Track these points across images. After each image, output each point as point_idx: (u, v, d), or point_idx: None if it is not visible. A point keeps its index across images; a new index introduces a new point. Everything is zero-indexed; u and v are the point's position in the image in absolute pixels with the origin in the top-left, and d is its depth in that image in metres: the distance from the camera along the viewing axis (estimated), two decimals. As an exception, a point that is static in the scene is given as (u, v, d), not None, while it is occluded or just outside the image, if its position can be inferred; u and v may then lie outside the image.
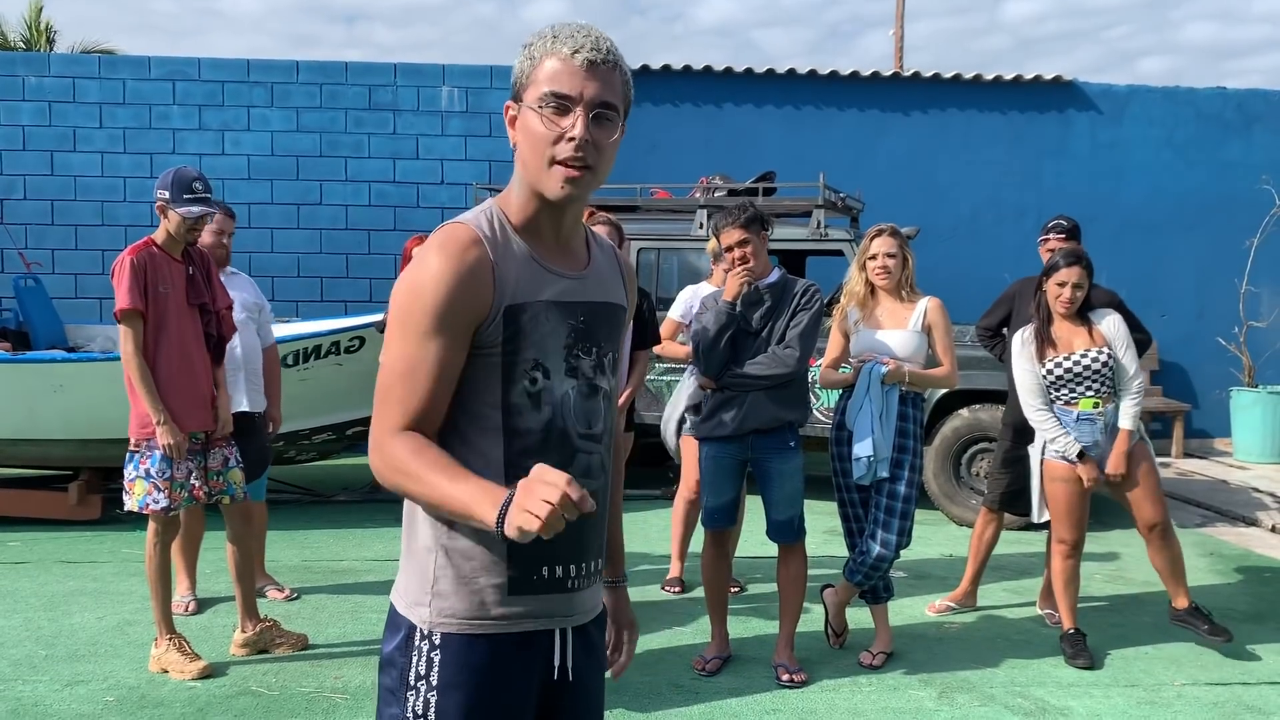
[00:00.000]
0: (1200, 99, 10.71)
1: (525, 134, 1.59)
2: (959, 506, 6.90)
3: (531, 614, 1.63)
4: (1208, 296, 10.42)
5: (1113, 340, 4.33)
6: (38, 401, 6.26)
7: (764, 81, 10.51)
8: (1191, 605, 4.51)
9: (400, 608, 1.65)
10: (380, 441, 1.55)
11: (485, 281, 1.56)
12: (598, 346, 1.68)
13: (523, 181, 1.62)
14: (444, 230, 1.59)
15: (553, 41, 1.57)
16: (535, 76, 1.57)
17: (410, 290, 1.55)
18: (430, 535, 1.62)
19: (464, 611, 1.60)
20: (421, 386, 1.55)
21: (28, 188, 10.07)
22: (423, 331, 1.53)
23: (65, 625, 4.66)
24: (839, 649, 4.49)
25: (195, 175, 4.14)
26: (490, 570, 1.60)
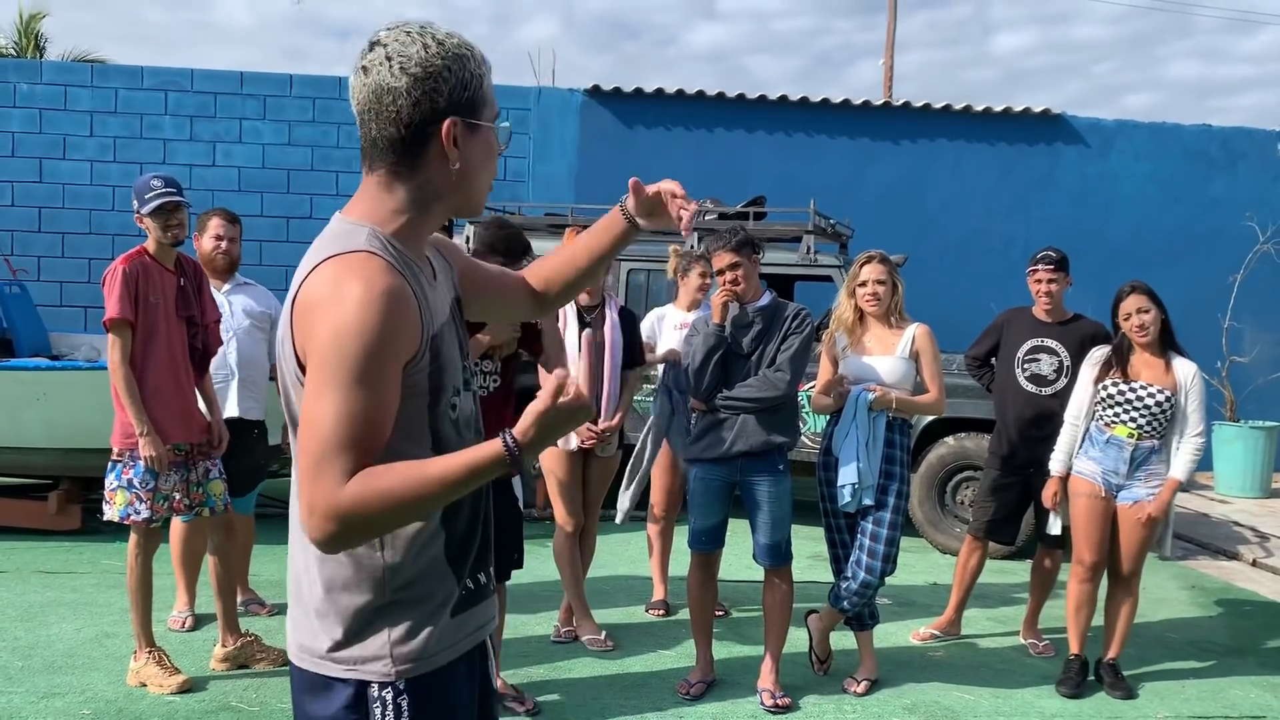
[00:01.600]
0: (1186, 135, 10.83)
1: (485, 154, 1.53)
2: (943, 534, 6.91)
3: (472, 627, 1.60)
4: (1191, 331, 10.36)
5: (1185, 388, 4.31)
6: (20, 409, 6.20)
7: (755, 107, 10.57)
8: (1113, 662, 4.50)
9: (331, 670, 1.50)
10: (331, 497, 1.35)
11: (413, 311, 1.44)
12: (464, 348, 1.63)
13: (442, 201, 1.53)
14: (352, 259, 1.42)
15: (480, 63, 1.52)
16: (484, 95, 1.51)
17: (338, 331, 1.37)
18: (378, 589, 1.49)
19: (427, 650, 1.51)
20: (366, 436, 1.38)
21: (16, 194, 10.03)
22: (361, 375, 1.37)
23: (42, 636, 4.60)
24: (823, 675, 4.47)
25: (153, 176, 4.12)
26: (441, 596, 1.53)
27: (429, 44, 1.47)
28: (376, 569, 1.49)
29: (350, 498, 1.35)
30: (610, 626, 4.92)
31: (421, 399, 1.48)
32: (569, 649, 4.68)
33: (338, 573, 1.50)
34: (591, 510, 4.89)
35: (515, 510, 3.98)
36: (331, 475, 1.35)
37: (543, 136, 10.51)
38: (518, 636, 4.76)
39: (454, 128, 1.48)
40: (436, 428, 1.51)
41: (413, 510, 1.40)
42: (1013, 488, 5.03)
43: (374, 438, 1.38)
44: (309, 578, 1.52)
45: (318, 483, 1.36)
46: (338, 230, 1.50)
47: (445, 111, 1.47)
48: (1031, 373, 4.98)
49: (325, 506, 1.35)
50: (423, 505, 1.40)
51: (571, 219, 7.57)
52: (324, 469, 1.35)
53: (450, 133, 1.48)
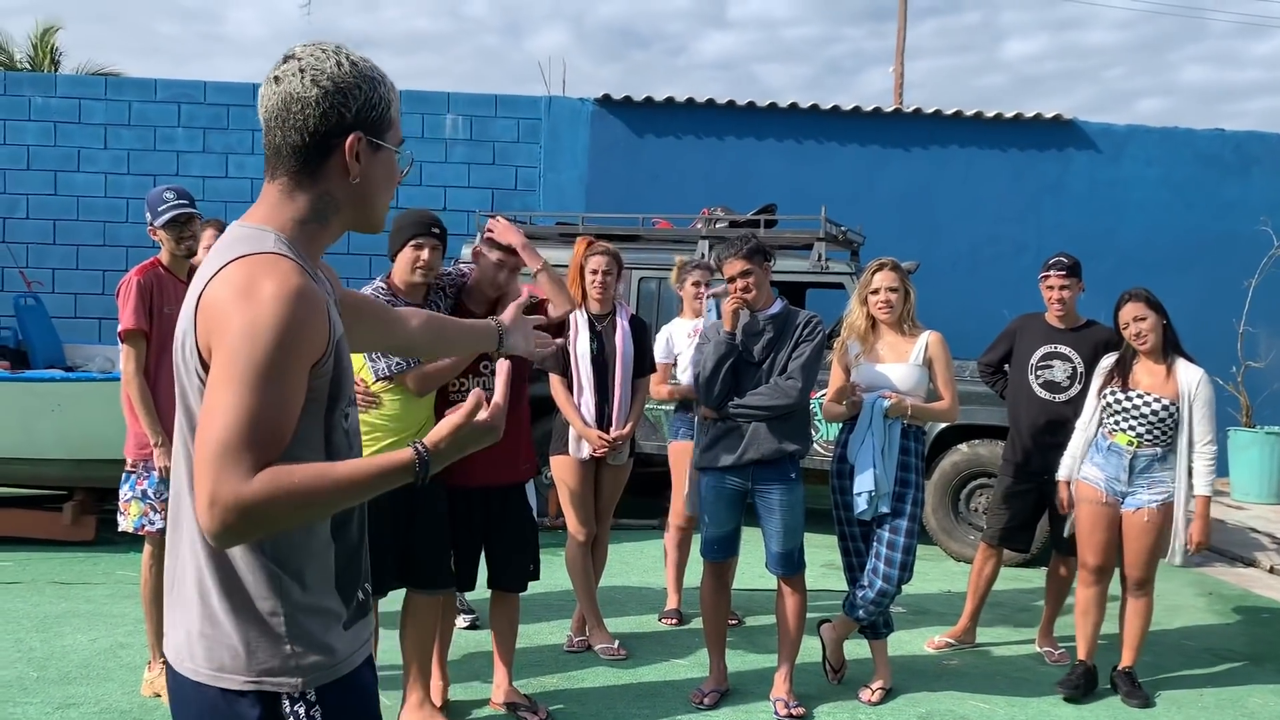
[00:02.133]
0: (1199, 140, 10.79)
1: (386, 174, 1.59)
2: (957, 542, 6.88)
3: (361, 639, 1.63)
4: (1205, 336, 10.39)
5: (1188, 396, 4.28)
6: (34, 420, 6.23)
7: (765, 115, 10.58)
8: (1128, 670, 4.46)
9: (235, 684, 1.48)
10: (235, 491, 1.34)
11: (322, 312, 1.47)
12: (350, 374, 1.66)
13: (340, 215, 1.57)
14: (267, 261, 1.45)
15: (390, 88, 1.58)
16: (390, 118, 1.57)
17: (251, 325, 1.38)
18: (276, 598, 1.49)
19: (327, 659, 1.53)
20: (272, 433, 1.38)
21: (30, 207, 10.10)
22: (269, 372, 1.38)
23: (57, 647, 4.62)
24: (837, 684, 4.45)
25: (165, 188, 4.16)
26: (333, 613, 1.55)
27: (342, 62, 1.52)
28: (274, 579, 1.49)
29: (256, 493, 1.34)
30: (623, 636, 4.91)
31: (320, 404, 1.50)
32: (582, 658, 4.68)
33: (237, 582, 1.49)
34: (603, 519, 4.88)
35: (530, 520, 3.98)
36: (237, 469, 1.35)
37: (553, 146, 10.54)
38: (531, 646, 4.75)
39: (358, 143, 1.53)
40: (330, 435, 1.53)
41: (317, 509, 1.42)
42: (1027, 495, 5.00)
43: (278, 435, 1.39)
44: (203, 587, 1.50)
45: (221, 475, 1.34)
46: (241, 235, 1.52)
47: (351, 126, 1.52)
48: (1045, 379, 4.95)
49: (229, 499, 1.34)
50: (327, 505, 1.42)
51: (582, 228, 7.57)
52: (229, 462, 1.35)
53: (354, 147, 1.53)
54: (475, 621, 5.01)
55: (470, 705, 4.10)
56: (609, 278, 4.67)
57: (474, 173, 10.44)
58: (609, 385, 4.67)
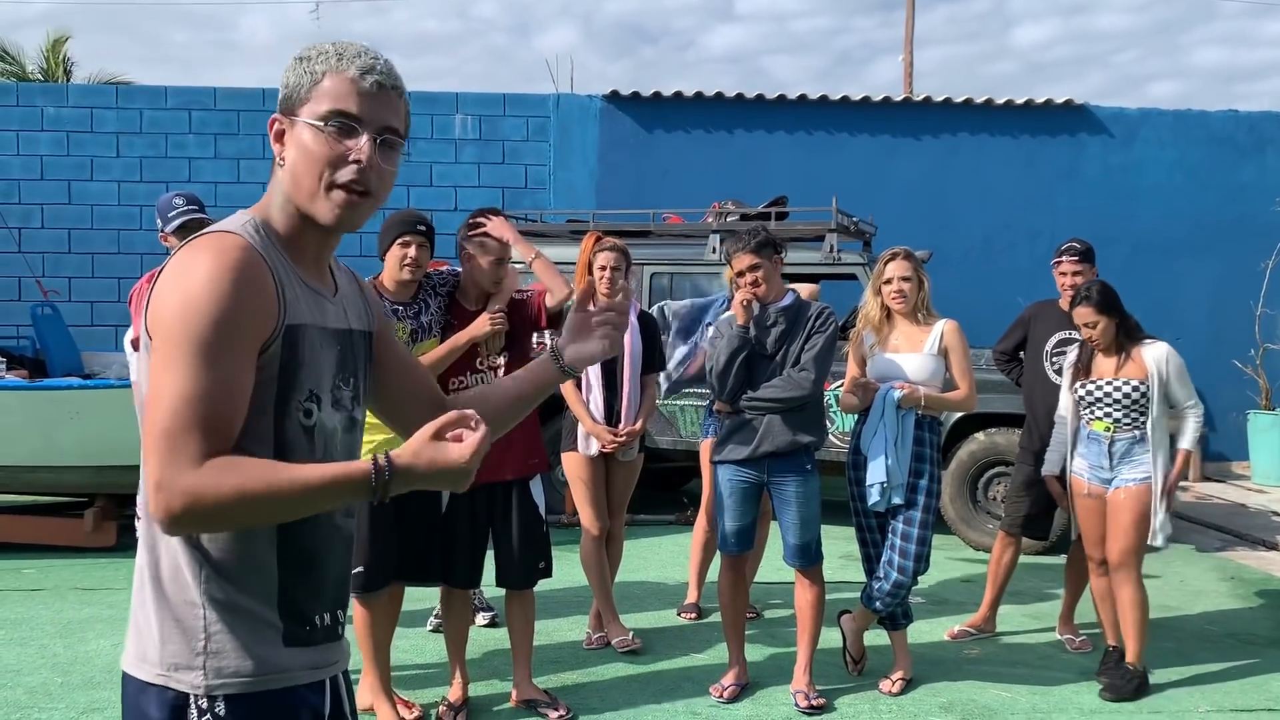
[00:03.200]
0: (1212, 122, 10.71)
1: (300, 152, 1.46)
2: (976, 531, 6.86)
3: (312, 664, 1.51)
4: (1223, 319, 10.38)
5: (1156, 373, 4.28)
6: (54, 428, 6.28)
7: (775, 107, 10.55)
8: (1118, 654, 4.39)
9: (149, 675, 1.43)
10: (183, 476, 1.30)
11: (269, 292, 1.41)
12: (354, 376, 1.59)
13: (288, 200, 1.50)
14: (209, 237, 1.42)
15: (338, 60, 1.46)
16: (315, 93, 1.46)
17: (186, 302, 1.35)
18: (195, 587, 1.43)
19: (248, 669, 1.43)
20: (218, 414, 1.34)
21: (45, 216, 10.17)
22: (210, 349, 1.34)
23: (81, 653, 4.65)
24: (858, 676, 4.45)
25: (175, 194, 4.22)
26: (266, 621, 1.46)
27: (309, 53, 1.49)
28: (199, 569, 1.43)
29: (202, 482, 1.30)
30: (642, 630, 4.91)
31: (268, 392, 1.43)
32: (601, 654, 4.68)
33: (165, 570, 1.45)
34: (616, 514, 4.89)
35: (537, 517, 3.98)
36: (184, 453, 1.31)
37: (563, 143, 10.54)
38: (550, 643, 4.76)
39: (274, 124, 1.51)
40: (282, 428, 1.45)
41: (264, 510, 1.34)
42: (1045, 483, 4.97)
43: (224, 418, 1.35)
44: (141, 574, 1.48)
45: (167, 459, 1.31)
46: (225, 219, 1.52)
47: (282, 111, 1.50)
48: (1060, 366, 4.93)
49: (173, 485, 1.31)
50: (275, 508, 1.35)
51: (593, 224, 7.58)
52: (175, 446, 1.31)
53: (272, 129, 1.51)
54: (495, 619, 5.02)
55: (491, 701, 4.11)
56: (617, 273, 4.67)
57: (484, 172, 10.45)
58: (618, 381, 4.68)
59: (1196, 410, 4.32)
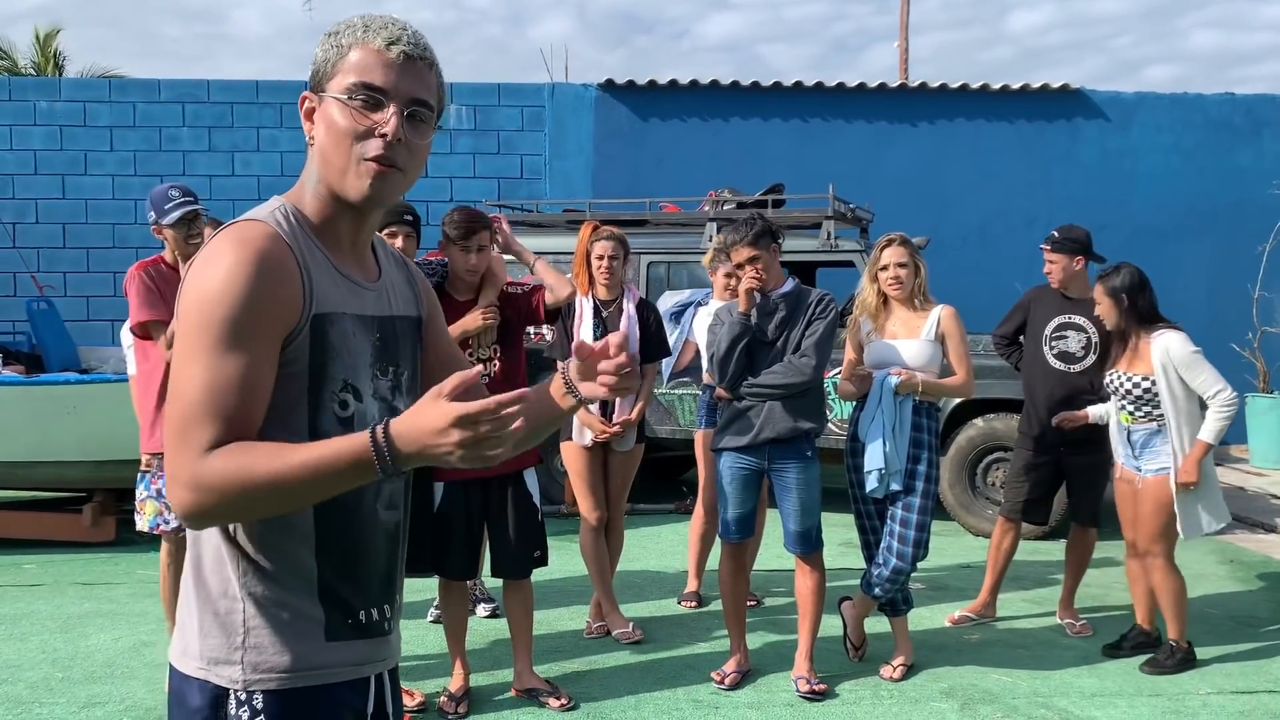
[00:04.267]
0: (1209, 105, 10.69)
1: (327, 127, 1.41)
2: (975, 517, 6.86)
3: (352, 660, 1.48)
4: (1220, 303, 10.37)
5: (1162, 366, 4.26)
6: (51, 423, 6.26)
7: (771, 95, 10.52)
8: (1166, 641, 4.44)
9: (191, 669, 1.42)
10: (191, 467, 1.29)
11: (293, 281, 1.37)
12: (395, 365, 1.53)
13: (320, 181, 1.45)
14: (234, 226, 1.39)
15: (364, 31, 1.41)
16: (341, 66, 1.40)
17: (204, 295, 1.32)
18: (234, 581, 1.41)
19: (286, 664, 1.41)
20: (233, 407, 1.31)
21: (40, 211, 10.14)
22: (226, 342, 1.31)
23: (81, 647, 4.65)
24: (859, 662, 4.45)
25: (170, 186, 4.17)
26: (307, 616, 1.43)
27: (338, 28, 1.45)
28: (233, 559, 1.41)
29: (211, 470, 1.28)
30: (643, 619, 4.91)
31: (298, 381, 1.39)
32: (602, 643, 4.68)
33: (206, 563, 1.43)
34: (616, 504, 4.87)
35: (532, 507, 3.98)
36: (195, 444, 1.29)
37: (558, 133, 10.51)
38: (551, 632, 4.76)
39: (305, 102, 1.46)
40: (317, 420, 1.41)
41: (274, 495, 1.29)
42: (1044, 467, 4.98)
43: (242, 409, 1.32)
44: (196, 568, 1.46)
45: (180, 451, 1.30)
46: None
47: (311, 88, 1.45)
48: (1059, 350, 4.93)
49: (186, 476, 1.29)
50: (284, 492, 1.29)
51: (589, 214, 7.55)
52: (187, 438, 1.30)
53: (302, 107, 1.47)
54: (496, 610, 5.02)
55: (492, 690, 4.11)
56: (615, 262, 4.66)
57: (479, 162, 10.42)
58: None
59: (1220, 400, 4.22)
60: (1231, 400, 4.24)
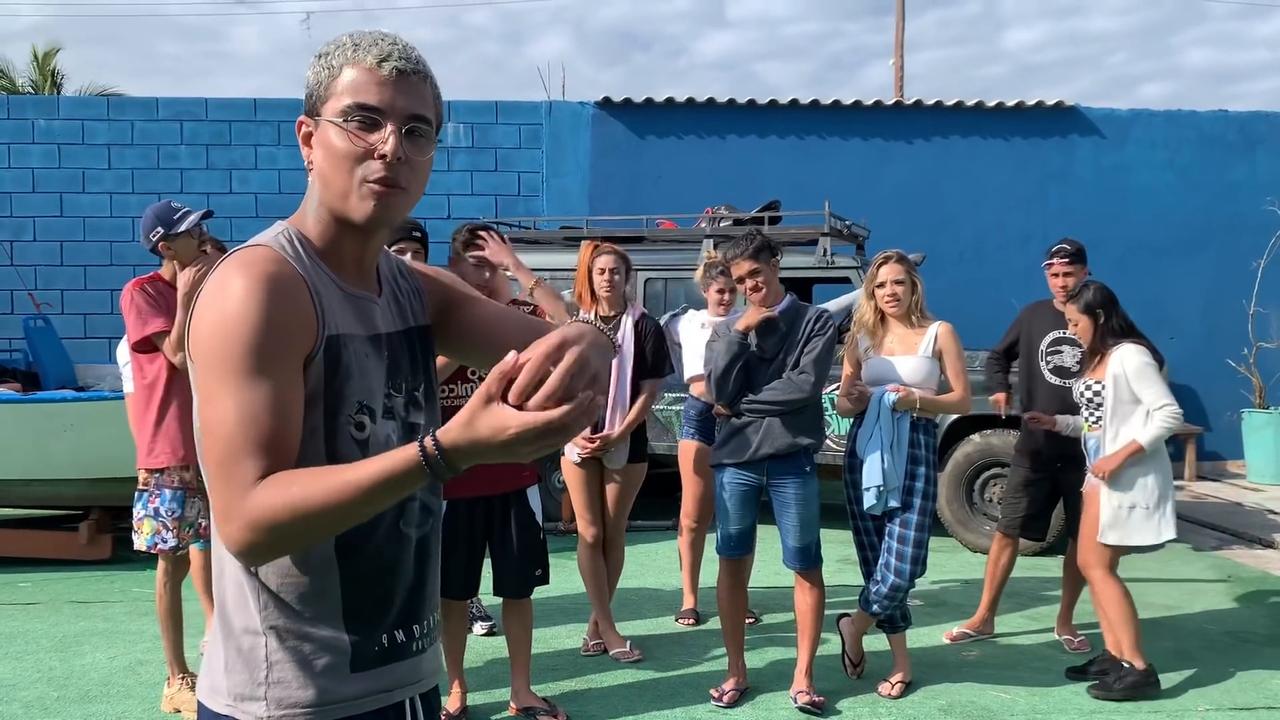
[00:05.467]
0: (1203, 122, 10.74)
1: (326, 152, 1.39)
2: (973, 533, 6.85)
3: (381, 688, 1.44)
4: (1216, 318, 10.40)
5: (1114, 374, 4.26)
6: (48, 441, 6.25)
7: (767, 112, 10.56)
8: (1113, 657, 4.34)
9: (219, 706, 1.40)
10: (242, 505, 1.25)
11: (305, 303, 1.35)
12: (406, 381, 1.50)
13: (321, 205, 1.42)
14: (239, 253, 1.36)
15: (354, 50, 1.38)
16: (335, 88, 1.38)
17: (220, 323, 1.29)
18: (256, 616, 1.39)
19: (310, 699, 1.38)
20: (271, 434, 1.27)
21: (37, 229, 10.14)
22: (252, 368, 1.27)
23: (77, 666, 4.63)
24: (857, 679, 4.44)
25: (169, 201, 4.19)
26: (331, 647, 1.40)
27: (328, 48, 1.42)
28: (254, 592, 1.39)
29: (262, 506, 1.24)
30: (640, 637, 4.90)
31: (315, 405, 1.36)
32: (599, 661, 4.67)
33: (229, 598, 1.41)
34: (614, 523, 4.84)
35: (534, 525, 3.97)
36: (241, 481, 1.25)
37: (555, 150, 10.54)
38: (548, 650, 4.75)
39: (302, 127, 1.44)
40: (333, 445, 1.38)
41: (326, 518, 1.24)
42: (1041, 483, 4.98)
43: (279, 435, 1.28)
44: (220, 603, 1.43)
45: (228, 488, 1.26)
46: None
47: (307, 112, 1.43)
48: (1055, 365, 4.94)
49: (235, 513, 1.25)
50: (335, 513, 1.24)
51: (586, 231, 7.58)
52: (232, 475, 1.26)
53: (300, 132, 1.45)
54: (493, 628, 5.00)
55: (490, 709, 4.10)
56: (617, 277, 4.67)
57: (477, 180, 10.44)
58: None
59: (1164, 411, 4.18)
60: (1175, 415, 4.20)
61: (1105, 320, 4.35)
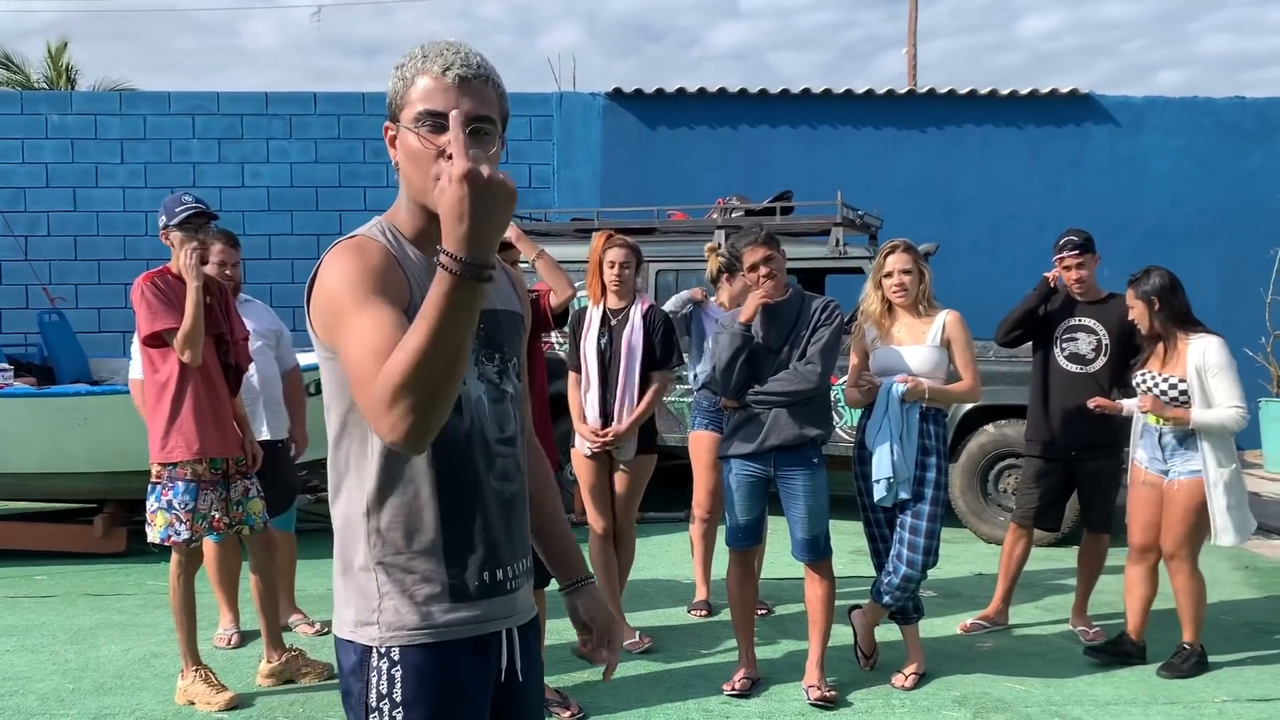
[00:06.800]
0: (1219, 109, 10.64)
1: (406, 154, 1.60)
2: (987, 524, 6.82)
3: (479, 618, 1.64)
4: (1233, 307, 10.30)
5: (1198, 367, 4.23)
6: (63, 435, 6.29)
7: (779, 102, 10.52)
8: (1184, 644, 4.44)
9: (345, 633, 1.64)
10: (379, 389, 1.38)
11: (397, 271, 1.57)
12: (500, 352, 1.70)
13: (409, 199, 1.64)
14: (343, 241, 1.60)
15: (423, 60, 1.58)
16: (409, 97, 1.58)
17: (335, 279, 1.53)
18: (366, 554, 1.61)
19: (414, 623, 1.60)
20: (393, 340, 1.42)
21: (51, 224, 10.20)
22: (369, 297, 1.49)
23: (92, 658, 4.65)
24: (870, 670, 4.42)
25: (183, 194, 4.18)
26: (431, 579, 1.61)
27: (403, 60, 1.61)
28: (364, 532, 1.61)
29: (382, 381, 1.37)
30: (653, 628, 4.90)
31: None
32: (612, 653, 4.66)
33: (343, 537, 1.64)
34: (623, 514, 4.82)
35: None
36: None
37: (566, 141, 10.53)
38: (560, 642, 4.74)
39: (388, 132, 1.64)
40: None
41: (430, 358, 1.34)
42: (1055, 473, 4.95)
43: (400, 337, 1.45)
44: (340, 545, 1.65)
45: (373, 390, 1.39)
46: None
47: (390, 118, 1.63)
48: (1070, 352, 4.91)
49: (379, 399, 1.37)
50: (431, 349, 1.33)
51: (598, 222, 7.56)
52: (371, 380, 1.40)
53: (387, 136, 1.65)
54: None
55: (502, 703, 4.10)
56: (627, 270, 4.64)
57: (488, 172, 10.43)
58: (613, 379, 4.63)
59: (1237, 412, 4.16)
60: (1241, 419, 4.18)
61: (1162, 307, 4.33)
